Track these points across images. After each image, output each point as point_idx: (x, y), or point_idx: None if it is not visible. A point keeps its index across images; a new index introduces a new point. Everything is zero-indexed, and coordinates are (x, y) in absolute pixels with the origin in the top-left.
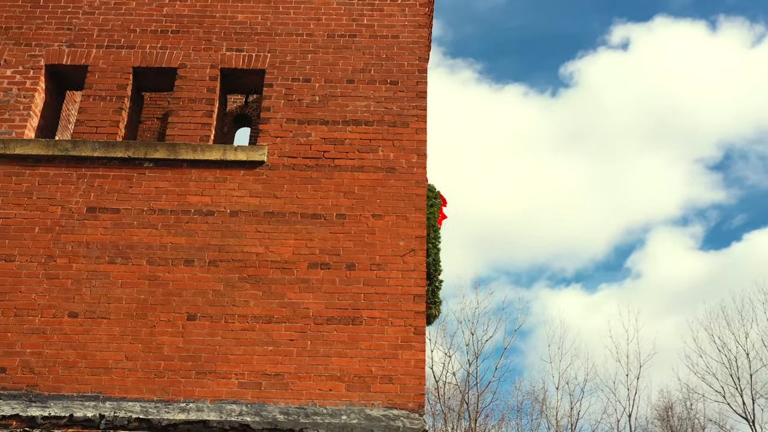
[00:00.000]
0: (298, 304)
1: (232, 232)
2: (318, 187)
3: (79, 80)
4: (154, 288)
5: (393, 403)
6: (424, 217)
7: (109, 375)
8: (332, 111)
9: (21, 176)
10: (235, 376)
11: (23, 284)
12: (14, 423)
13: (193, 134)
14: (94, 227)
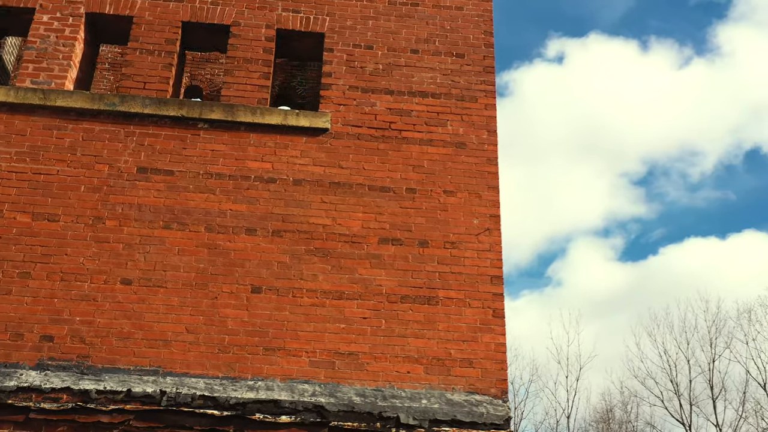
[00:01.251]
0: (370, 281)
1: (296, 202)
2: (385, 159)
3: (119, 32)
4: (214, 257)
5: (474, 388)
6: (498, 195)
7: (169, 348)
8: (397, 81)
9: (63, 130)
10: (306, 354)
11: (69, 246)
12: (65, 396)
13: (250, 96)
14: (146, 189)
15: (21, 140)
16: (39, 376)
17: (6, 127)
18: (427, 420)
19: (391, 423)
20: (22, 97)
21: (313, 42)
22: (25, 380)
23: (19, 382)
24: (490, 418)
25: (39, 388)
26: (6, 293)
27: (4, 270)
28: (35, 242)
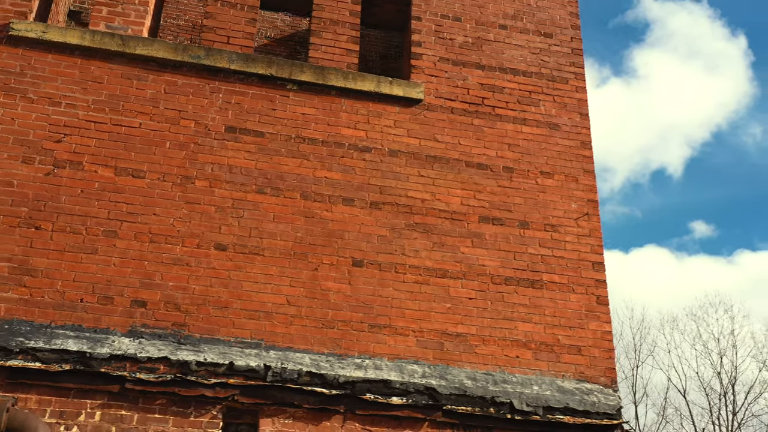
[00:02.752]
0: (473, 260)
1: (393, 173)
2: (481, 135)
3: None
4: (311, 226)
5: (584, 375)
6: (594, 180)
7: (271, 321)
8: (487, 56)
9: (144, 81)
10: (413, 333)
11: (157, 206)
12: (162, 367)
13: (339, 60)
14: (236, 150)
15: (98, 88)
16: (133, 344)
17: (81, 73)
18: (540, 407)
19: (505, 408)
20: (98, 41)
21: (396, 8)
22: (118, 348)
23: (112, 349)
24: (602, 408)
25: (134, 357)
26: (91, 252)
27: (87, 227)
28: (120, 199)
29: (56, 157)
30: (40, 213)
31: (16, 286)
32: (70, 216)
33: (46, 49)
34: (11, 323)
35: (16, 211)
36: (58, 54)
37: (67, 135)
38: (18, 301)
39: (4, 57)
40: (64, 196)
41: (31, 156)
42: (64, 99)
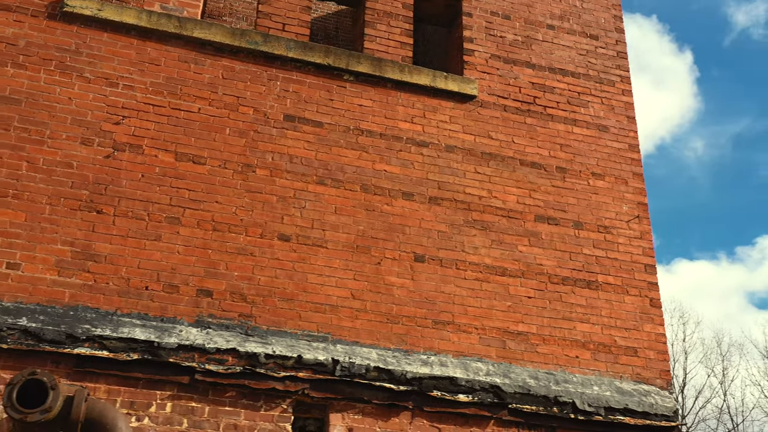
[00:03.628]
0: (531, 259)
1: (450, 169)
2: (533, 134)
3: None
4: (372, 219)
5: (640, 377)
6: (643, 183)
7: (337, 314)
8: (537, 55)
9: (201, 65)
10: (476, 330)
11: (219, 194)
12: (230, 359)
13: (394, 53)
14: (296, 139)
15: (156, 70)
16: (201, 335)
17: (138, 54)
18: (602, 407)
19: (568, 408)
20: (155, 22)
21: (445, 3)
22: (186, 338)
23: (180, 339)
24: (660, 409)
25: (202, 348)
26: (155, 239)
27: (150, 213)
28: (181, 185)
29: (115, 140)
30: (101, 197)
31: (80, 272)
32: (131, 201)
33: (102, 27)
34: (76, 309)
35: (77, 194)
36: (113, 33)
37: (126, 117)
38: (82, 287)
39: (59, 34)
40: (124, 180)
41: (90, 137)
42: (121, 80)
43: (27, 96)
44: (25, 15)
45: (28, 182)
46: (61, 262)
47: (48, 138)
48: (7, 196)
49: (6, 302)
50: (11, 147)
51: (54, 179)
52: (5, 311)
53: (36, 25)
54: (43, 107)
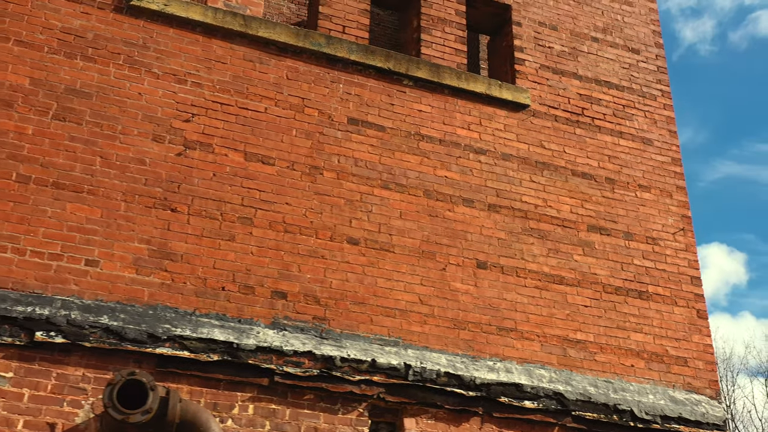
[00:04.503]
0: (585, 268)
1: (507, 177)
2: (583, 145)
3: None
4: (436, 225)
5: (691, 386)
6: (686, 197)
7: (406, 319)
8: (584, 66)
9: (266, 65)
10: (538, 337)
11: (288, 195)
12: (306, 361)
13: (450, 60)
14: (360, 143)
15: (222, 68)
16: (277, 337)
17: (204, 51)
18: (658, 416)
19: (626, 416)
20: (220, 20)
21: (493, 12)
22: (264, 339)
23: (258, 341)
24: (710, 419)
25: (280, 350)
26: (229, 239)
27: (223, 212)
28: (252, 185)
29: (186, 138)
30: (174, 195)
31: (158, 270)
32: (204, 200)
33: (167, 22)
34: (155, 309)
35: (151, 191)
36: (179, 29)
37: (196, 115)
38: (160, 286)
39: (126, 28)
40: (196, 178)
41: (161, 134)
42: (189, 77)
43: (98, 90)
44: (91, 7)
45: (103, 178)
46: (139, 260)
47: (120, 133)
48: (83, 191)
49: (87, 300)
50: (84, 141)
51: (128, 176)
52: (86, 309)
53: (103, 18)
54: (114, 102)
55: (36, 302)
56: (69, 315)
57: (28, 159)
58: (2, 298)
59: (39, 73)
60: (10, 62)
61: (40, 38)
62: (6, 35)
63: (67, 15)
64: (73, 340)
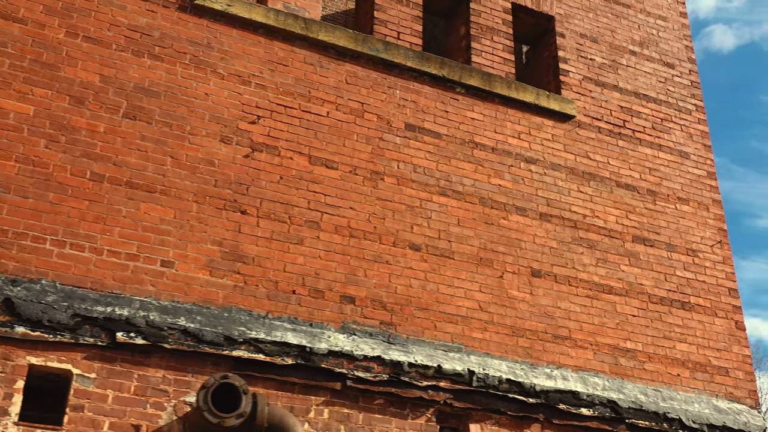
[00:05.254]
0: (632, 278)
1: (556, 187)
2: (625, 157)
3: None
4: (491, 232)
5: (732, 396)
6: (722, 210)
7: (468, 325)
8: (623, 79)
9: (325, 68)
10: (591, 346)
11: (352, 200)
12: (376, 366)
13: (499, 69)
14: (417, 149)
15: (284, 71)
16: (347, 341)
17: (266, 53)
18: (705, 425)
19: (676, 424)
20: (282, 22)
21: (535, 22)
22: (335, 344)
23: (330, 345)
24: (752, 428)
25: (351, 355)
26: (297, 242)
27: (291, 216)
28: (317, 189)
29: (252, 140)
30: (244, 197)
31: (231, 273)
32: (272, 202)
33: (230, 23)
34: (230, 311)
35: (221, 193)
36: (241, 30)
37: (261, 117)
38: (234, 289)
39: (191, 27)
40: (264, 180)
41: (229, 136)
42: (253, 78)
43: (166, 89)
44: (156, 5)
45: (174, 178)
46: (212, 262)
47: (189, 134)
48: (155, 191)
49: (164, 301)
50: (155, 141)
51: (198, 176)
52: (164, 310)
53: (168, 17)
54: (182, 102)
55: (115, 302)
56: (148, 316)
57: (101, 157)
58: (82, 298)
59: (108, 71)
60: (79, 59)
61: (108, 35)
62: (75, 31)
63: (133, 12)
64: (153, 342)
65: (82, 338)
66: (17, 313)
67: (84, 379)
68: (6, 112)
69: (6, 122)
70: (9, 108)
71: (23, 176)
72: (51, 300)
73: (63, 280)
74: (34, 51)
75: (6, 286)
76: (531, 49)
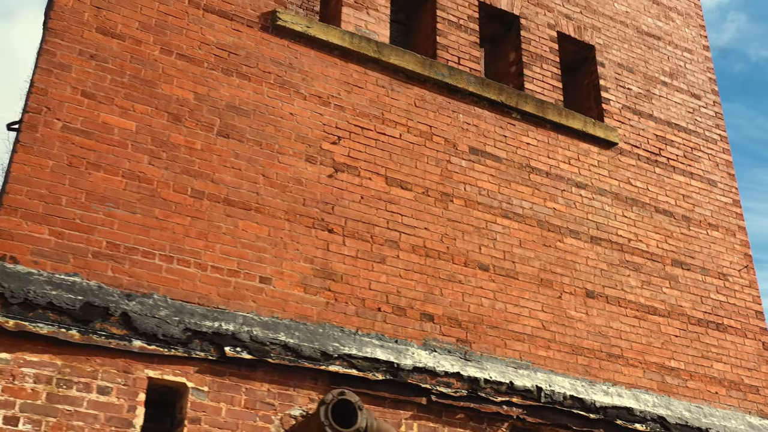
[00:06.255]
0: (673, 300)
1: (604, 212)
2: (662, 183)
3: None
4: (549, 254)
5: (763, 413)
6: (747, 236)
7: (533, 344)
8: (657, 109)
9: (396, 91)
10: (640, 364)
11: (426, 220)
12: (455, 382)
13: (549, 95)
14: (481, 172)
15: (360, 92)
16: (429, 357)
17: (342, 75)
18: None
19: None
20: (356, 44)
21: (576, 50)
22: (419, 360)
23: (414, 361)
24: None
25: (433, 371)
26: (380, 261)
27: (373, 235)
28: (394, 209)
29: (335, 160)
30: (330, 216)
31: (322, 290)
32: (355, 222)
33: (309, 44)
34: (324, 327)
35: (309, 212)
36: (319, 51)
37: (341, 138)
38: (326, 305)
39: (273, 48)
40: (347, 200)
41: (313, 155)
42: (332, 99)
43: (254, 108)
44: (241, 24)
45: (267, 196)
46: (305, 279)
47: (277, 153)
48: (251, 209)
49: (264, 317)
50: (247, 159)
51: (288, 195)
52: (265, 326)
53: (252, 36)
54: (270, 121)
55: (221, 317)
56: (251, 331)
57: (200, 174)
58: (191, 313)
59: (201, 89)
60: (175, 76)
61: (199, 53)
62: (169, 48)
63: (220, 31)
64: (258, 357)
65: (193, 352)
66: (134, 327)
67: (199, 392)
68: (110, 128)
69: (111, 137)
70: (113, 123)
71: (130, 191)
72: (163, 314)
73: (172, 295)
74: (132, 67)
75: (122, 301)
76: (570, 75)
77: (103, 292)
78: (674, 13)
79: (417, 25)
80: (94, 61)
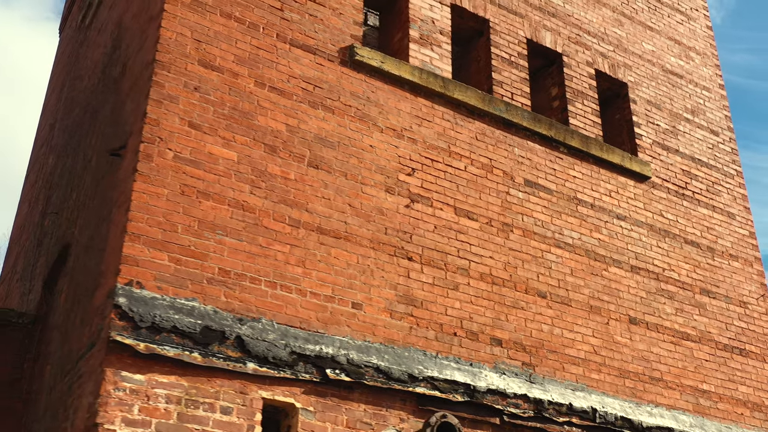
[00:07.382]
0: (702, 327)
1: (641, 242)
2: (689, 216)
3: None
4: (596, 282)
5: None
6: (762, 267)
7: (587, 367)
8: (682, 144)
9: (459, 125)
10: (678, 387)
11: (490, 249)
12: (522, 403)
13: (590, 131)
14: (536, 203)
15: (428, 126)
16: (500, 380)
17: (413, 108)
18: None
19: None
20: (425, 80)
21: (609, 87)
22: (491, 382)
23: (487, 383)
24: None
25: (504, 393)
26: (453, 288)
27: (446, 263)
28: (463, 239)
29: (410, 191)
30: (408, 244)
31: (406, 315)
32: (431, 250)
33: (383, 78)
34: (409, 350)
35: (391, 240)
36: (392, 86)
37: (415, 170)
38: (409, 330)
39: (353, 82)
40: (422, 229)
41: (392, 186)
42: (405, 132)
43: (338, 140)
44: (323, 59)
45: (354, 225)
46: (391, 305)
47: (360, 183)
48: (340, 237)
49: (357, 340)
50: (335, 189)
51: (372, 224)
52: (359, 349)
53: (332, 70)
54: (353, 153)
55: (321, 341)
56: (348, 354)
57: (295, 204)
58: (294, 336)
59: (292, 120)
60: (269, 108)
61: (289, 86)
62: (262, 81)
63: (305, 65)
64: (355, 378)
65: (299, 374)
66: (247, 350)
67: (307, 413)
68: (215, 158)
69: (217, 167)
70: (217, 153)
71: (236, 220)
72: (272, 338)
73: (278, 319)
74: (231, 99)
75: (235, 324)
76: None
77: (219, 317)
78: (693, 53)
79: (469, 59)
80: (198, 93)
